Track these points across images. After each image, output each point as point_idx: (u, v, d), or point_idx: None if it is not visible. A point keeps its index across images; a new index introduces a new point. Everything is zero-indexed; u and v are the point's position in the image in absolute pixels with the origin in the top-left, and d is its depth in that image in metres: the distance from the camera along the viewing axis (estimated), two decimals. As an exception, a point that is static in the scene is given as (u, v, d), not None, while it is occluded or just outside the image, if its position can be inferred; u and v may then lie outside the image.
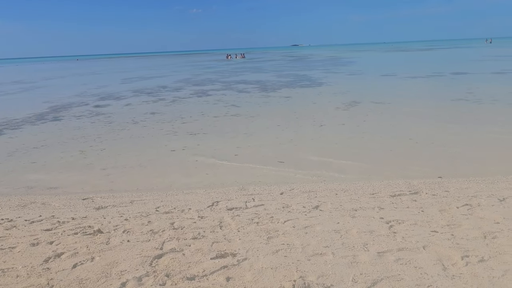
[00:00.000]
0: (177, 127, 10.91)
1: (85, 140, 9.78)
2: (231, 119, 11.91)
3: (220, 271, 3.10)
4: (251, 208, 4.73)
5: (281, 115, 12.02)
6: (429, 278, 2.90)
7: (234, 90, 19.73)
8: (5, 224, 4.43)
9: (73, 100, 18.21)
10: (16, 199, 5.75)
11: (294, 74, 28.45)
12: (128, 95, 19.62)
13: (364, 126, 10.08)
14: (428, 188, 5.28)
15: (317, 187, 5.69)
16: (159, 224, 4.24)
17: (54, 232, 4.09)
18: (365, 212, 4.35)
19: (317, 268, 3.07)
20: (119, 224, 4.30)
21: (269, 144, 8.63)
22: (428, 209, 4.38)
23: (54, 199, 5.66)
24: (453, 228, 3.80)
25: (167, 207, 4.95)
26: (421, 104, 13.24)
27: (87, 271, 3.17)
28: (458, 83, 19.14)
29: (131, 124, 11.80)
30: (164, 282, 2.95)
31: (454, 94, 14.64)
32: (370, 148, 7.99)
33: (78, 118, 13.30)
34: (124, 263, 3.27)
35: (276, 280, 2.92)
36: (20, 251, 3.61)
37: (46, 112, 14.91)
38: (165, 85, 24.05)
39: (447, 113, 11.37)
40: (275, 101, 15.28)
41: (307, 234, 3.77)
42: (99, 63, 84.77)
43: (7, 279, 3.06)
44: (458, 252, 3.26)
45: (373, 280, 2.88)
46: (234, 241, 3.66)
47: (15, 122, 12.74)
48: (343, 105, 13.34)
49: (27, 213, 4.92)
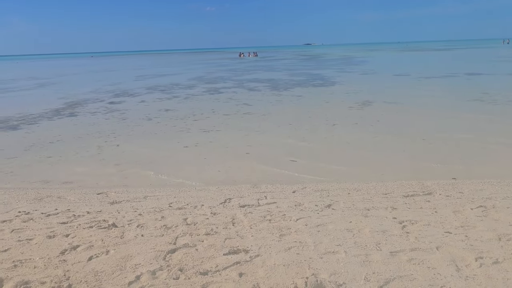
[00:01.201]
0: (190, 124, 10.98)
1: (100, 136, 9.91)
2: (243, 117, 11.94)
3: (233, 266, 3.12)
4: (264, 205, 4.75)
5: (293, 114, 12.02)
6: (442, 278, 2.89)
7: (246, 88, 19.76)
8: (22, 217, 4.52)
9: (88, 97, 18.44)
10: (33, 192, 5.86)
11: (306, 73, 28.38)
12: (142, 92, 19.79)
13: (377, 125, 10.02)
14: (441, 189, 5.24)
15: (330, 186, 5.69)
16: (172, 219, 4.28)
17: (69, 225, 4.17)
18: (377, 212, 4.34)
19: (329, 266, 3.08)
20: (133, 218, 4.36)
21: (281, 143, 8.64)
22: (442, 210, 4.35)
23: (69, 193, 5.75)
24: (467, 229, 3.77)
25: (180, 203, 4.99)
26: (435, 104, 13.11)
27: (102, 264, 3.22)
28: (473, 84, 18.89)
29: (145, 120, 11.91)
30: (178, 276, 2.99)
31: (468, 95, 14.46)
32: (383, 148, 7.95)
33: (93, 114, 13.47)
34: (138, 257, 3.32)
35: (288, 277, 2.94)
36: (37, 243, 3.69)
37: (62, 108, 15.12)
38: (178, 83, 24.20)
39: (461, 114, 11.23)
40: (287, 100, 15.27)
41: (319, 232, 3.78)
42: (113, 60, 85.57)
43: (25, 270, 3.13)
44: (472, 253, 3.24)
45: (385, 279, 2.88)
46: (246, 238, 3.69)
47: (31, 117, 12.95)
48: (356, 104, 13.27)
49: (43, 206, 5.01)
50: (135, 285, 2.88)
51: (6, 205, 5.11)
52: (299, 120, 11.08)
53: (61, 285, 2.88)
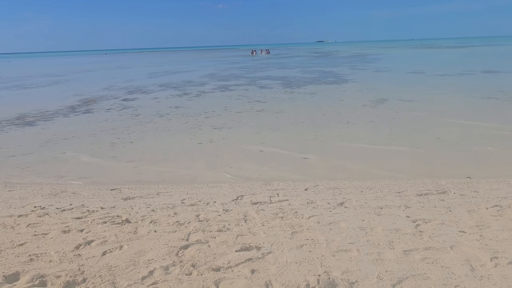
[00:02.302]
0: (202, 121, 11.02)
1: (114, 132, 10.01)
2: (256, 114, 11.94)
3: (245, 263, 3.13)
4: (276, 203, 4.75)
5: (306, 112, 11.97)
6: (456, 278, 2.86)
7: (258, 85, 19.75)
8: (38, 212, 4.59)
9: (101, 93, 18.63)
10: (48, 187, 5.95)
11: (319, 71, 28.24)
12: (155, 89, 19.92)
13: (391, 123, 9.93)
14: (456, 188, 5.18)
15: (342, 184, 5.66)
16: (185, 216, 4.31)
17: (84, 221, 4.23)
18: (390, 210, 4.31)
19: (341, 264, 3.07)
20: (146, 214, 4.40)
21: (293, 140, 8.62)
22: (456, 209, 4.30)
23: (83, 189, 5.83)
24: (482, 229, 3.72)
25: (192, 199, 5.02)
26: (450, 102, 12.93)
27: (116, 259, 3.26)
28: (489, 81, 18.59)
29: (158, 117, 11.98)
30: (190, 272, 3.01)
31: (484, 93, 14.23)
32: (397, 146, 7.87)
33: (107, 111, 13.60)
34: (151, 252, 3.35)
35: (300, 274, 2.94)
36: (53, 238, 3.75)
37: (76, 104, 15.31)
38: (191, 80, 24.29)
39: (477, 112, 11.07)
40: (300, 98, 15.21)
41: (331, 230, 3.76)
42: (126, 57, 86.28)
43: (40, 264, 3.18)
44: (487, 253, 3.20)
45: (398, 278, 2.86)
46: (258, 235, 3.70)
47: (47, 114, 13.14)
48: (370, 102, 13.17)
49: (58, 201, 5.09)
50: (149, 280, 2.91)
51: (22, 200, 5.20)
52: (312, 117, 11.03)
53: (76, 279, 2.92)
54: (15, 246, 3.54)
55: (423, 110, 11.60)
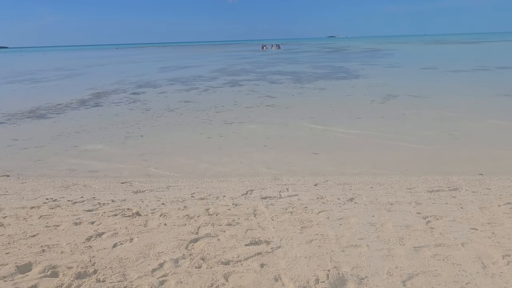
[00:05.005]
0: (212, 116, 11.04)
1: (124, 126, 10.07)
2: (266, 109, 11.93)
3: (254, 257, 3.14)
4: (285, 197, 4.75)
5: (316, 107, 11.93)
6: (467, 275, 2.83)
7: (268, 81, 19.70)
8: (49, 204, 4.65)
9: (112, 87, 18.75)
10: (60, 180, 6.02)
11: (330, 66, 28.08)
12: (165, 83, 19.99)
13: (402, 119, 9.85)
14: (468, 185, 5.12)
15: (352, 179, 5.63)
16: (194, 209, 4.33)
17: (95, 213, 4.26)
18: (401, 207, 4.28)
19: (351, 260, 3.06)
20: (156, 208, 4.42)
21: (303, 135, 8.60)
22: (468, 206, 4.26)
23: (94, 182, 5.88)
24: (494, 226, 3.68)
25: (202, 193, 5.04)
26: (463, 98, 12.78)
27: (126, 251, 3.29)
28: (504, 77, 18.32)
29: (168, 111, 12.03)
30: (200, 265, 3.02)
31: (498, 89, 14.01)
32: (408, 142, 7.80)
33: (117, 104, 13.69)
34: (161, 245, 3.37)
35: (310, 269, 2.93)
36: (64, 229, 3.79)
37: (88, 98, 15.43)
38: (201, 75, 24.33)
39: (490, 108, 10.91)
40: (310, 93, 15.15)
41: (341, 225, 3.75)
42: (137, 52, 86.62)
43: (52, 255, 3.22)
44: (499, 250, 3.16)
45: (408, 274, 2.84)
46: (268, 229, 3.70)
47: (59, 107, 13.27)
48: (380, 98, 13.06)
49: (69, 194, 5.14)
50: (158, 272, 2.93)
51: (34, 192, 5.26)
52: (322, 113, 10.99)
53: (87, 270, 2.95)
54: (27, 237, 3.59)
55: (434, 106, 11.47)
